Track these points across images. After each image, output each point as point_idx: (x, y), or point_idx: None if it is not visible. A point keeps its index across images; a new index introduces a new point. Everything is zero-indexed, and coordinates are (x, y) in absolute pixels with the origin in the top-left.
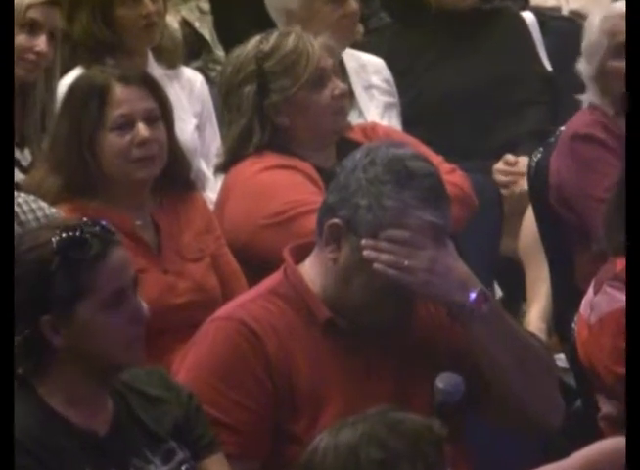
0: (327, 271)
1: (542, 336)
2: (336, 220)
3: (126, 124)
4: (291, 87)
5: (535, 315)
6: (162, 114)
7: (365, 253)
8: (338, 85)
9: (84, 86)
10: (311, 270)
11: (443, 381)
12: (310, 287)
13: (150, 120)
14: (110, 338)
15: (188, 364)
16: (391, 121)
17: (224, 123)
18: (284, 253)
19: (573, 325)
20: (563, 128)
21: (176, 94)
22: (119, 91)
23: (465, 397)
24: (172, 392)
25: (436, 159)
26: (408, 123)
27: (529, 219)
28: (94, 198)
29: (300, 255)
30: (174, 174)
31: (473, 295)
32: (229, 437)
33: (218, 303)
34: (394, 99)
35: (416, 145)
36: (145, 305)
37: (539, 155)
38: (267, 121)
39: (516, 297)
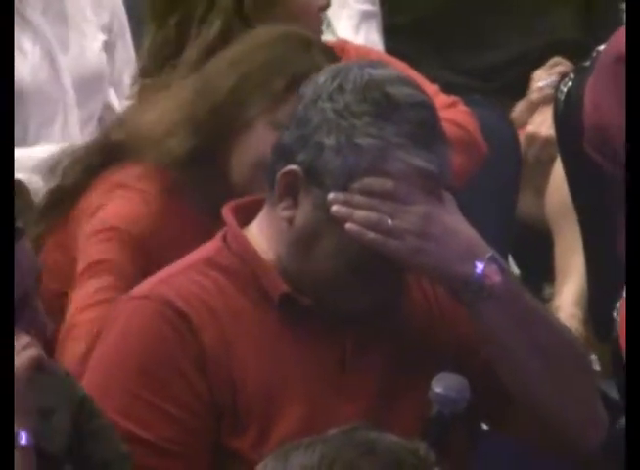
0: (280, 236)
1: (577, 326)
2: (292, 167)
3: None
4: None
5: (568, 298)
6: None
7: (334, 208)
8: None
9: None
10: (260, 235)
11: (442, 384)
12: (261, 255)
13: None
14: None
15: (94, 360)
16: (370, 36)
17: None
18: (224, 212)
19: (615, 314)
20: (602, 47)
21: None
22: None
23: (471, 405)
24: (64, 394)
25: (430, 88)
26: (392, 39)
27: (558, 172)
28: None
29: (245, 215)
30: None
31: (481, 265)
32: (150, 458)
33: None
34: (374, 7)
35: (402, 68)
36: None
37: (570, 83)
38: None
39: (537, 275)
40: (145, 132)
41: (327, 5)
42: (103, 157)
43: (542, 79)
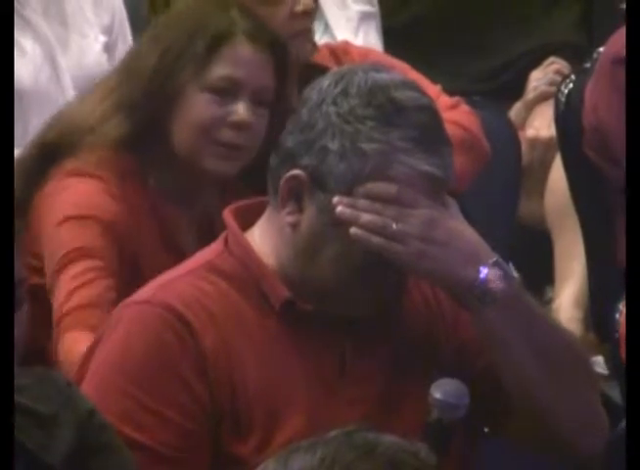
0: (284, 241)
1: (577, 328)
2: (296, 171)
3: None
4: None
5: (568, 300)
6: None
7: (339, 210)
8: None
9: None
10: (262, 240)
11: (442, 390)
12: (262, 259)
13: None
14: None
15: (94, 365)
16: (368, 38)
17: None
18: (224, 215)
19: (617, 316)
20: (602, 49)
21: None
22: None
23: (472, 409)
24: (67, 405)
25: (433, 89)
26: (391, 41)
27: (556, 174)
28: None
29: (247, 219)
30: None
31: (485, 270)
32: (152, 465)
33: None
34: (373, 8)
35: (403, 70)
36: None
37: (571, 85)
38: None
39: (538, 279)
40: (78, 124)
41: (308, 10)
42: (41, 161)
43: (538, 79)
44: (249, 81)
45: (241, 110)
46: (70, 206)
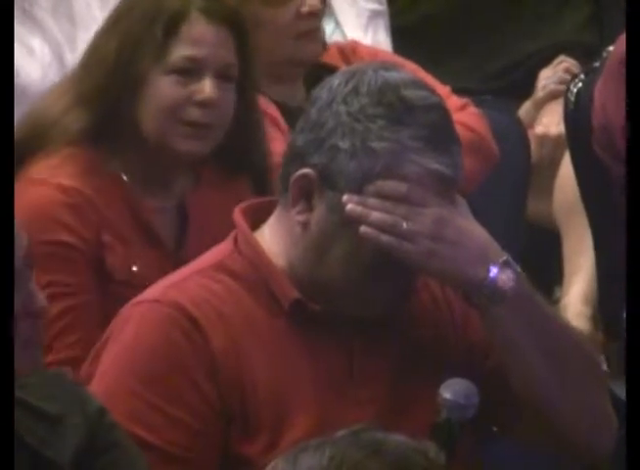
0: (294, 240)
1: (585, 324)
2: (306, 170)
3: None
4: None
5: (577, 296)
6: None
7: (349, 207)
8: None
9: None
10: (272, 239)
11: (451, 390)
12: (272, 259)
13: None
14: None
15: (103, 365)
16: (377, 36)
17: None
18: (234, 214)
19: (625, 315)
20: (611, 48)
21: None
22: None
23: (480, 410)
24: (75, 404)
25: (442, 90)
26: (401, 40)
27: (564, 171)
28: None
29: (257, 218)
30: None
31: (495, 269)
32: (160, 465)
33: None
34: (382, 6)
35: (412, 70)
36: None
37: (580, 84)
38: None
39: (546, 279)
40: (44, 117)
41: (314, 11)
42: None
43: (547, 78)
44: (210, 59)
45: (207, 88)
46: (33, 228)
